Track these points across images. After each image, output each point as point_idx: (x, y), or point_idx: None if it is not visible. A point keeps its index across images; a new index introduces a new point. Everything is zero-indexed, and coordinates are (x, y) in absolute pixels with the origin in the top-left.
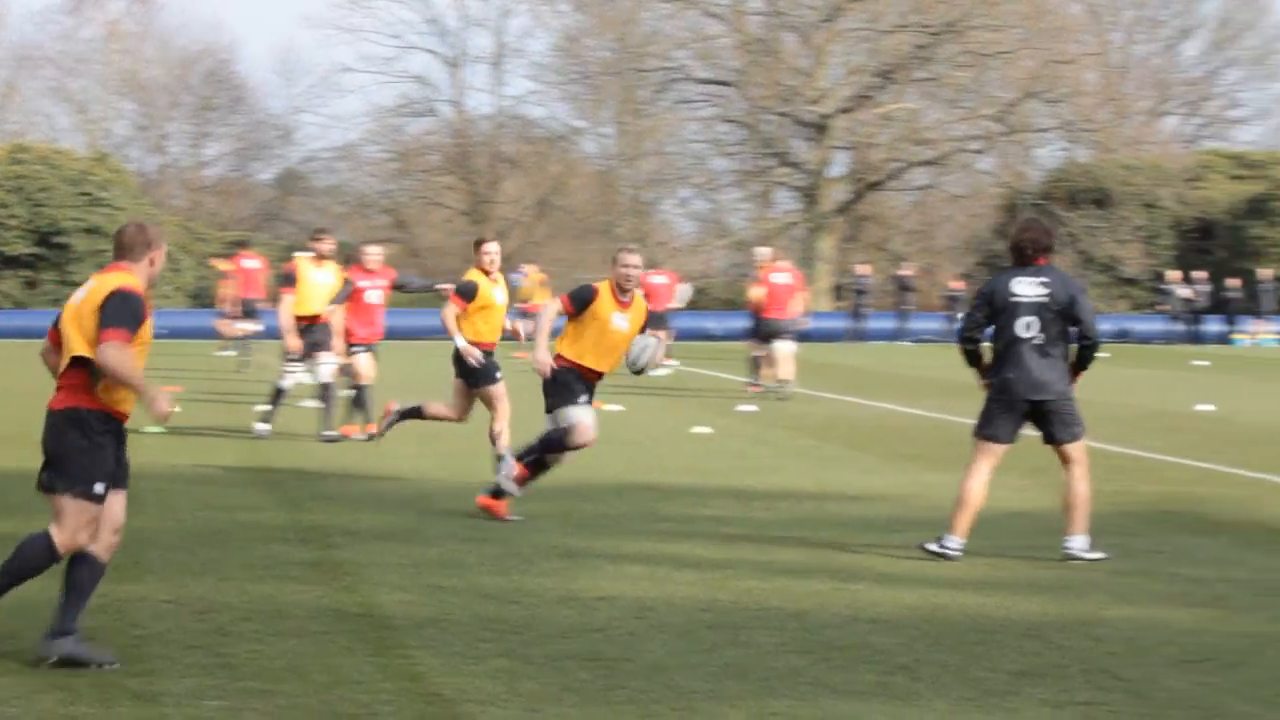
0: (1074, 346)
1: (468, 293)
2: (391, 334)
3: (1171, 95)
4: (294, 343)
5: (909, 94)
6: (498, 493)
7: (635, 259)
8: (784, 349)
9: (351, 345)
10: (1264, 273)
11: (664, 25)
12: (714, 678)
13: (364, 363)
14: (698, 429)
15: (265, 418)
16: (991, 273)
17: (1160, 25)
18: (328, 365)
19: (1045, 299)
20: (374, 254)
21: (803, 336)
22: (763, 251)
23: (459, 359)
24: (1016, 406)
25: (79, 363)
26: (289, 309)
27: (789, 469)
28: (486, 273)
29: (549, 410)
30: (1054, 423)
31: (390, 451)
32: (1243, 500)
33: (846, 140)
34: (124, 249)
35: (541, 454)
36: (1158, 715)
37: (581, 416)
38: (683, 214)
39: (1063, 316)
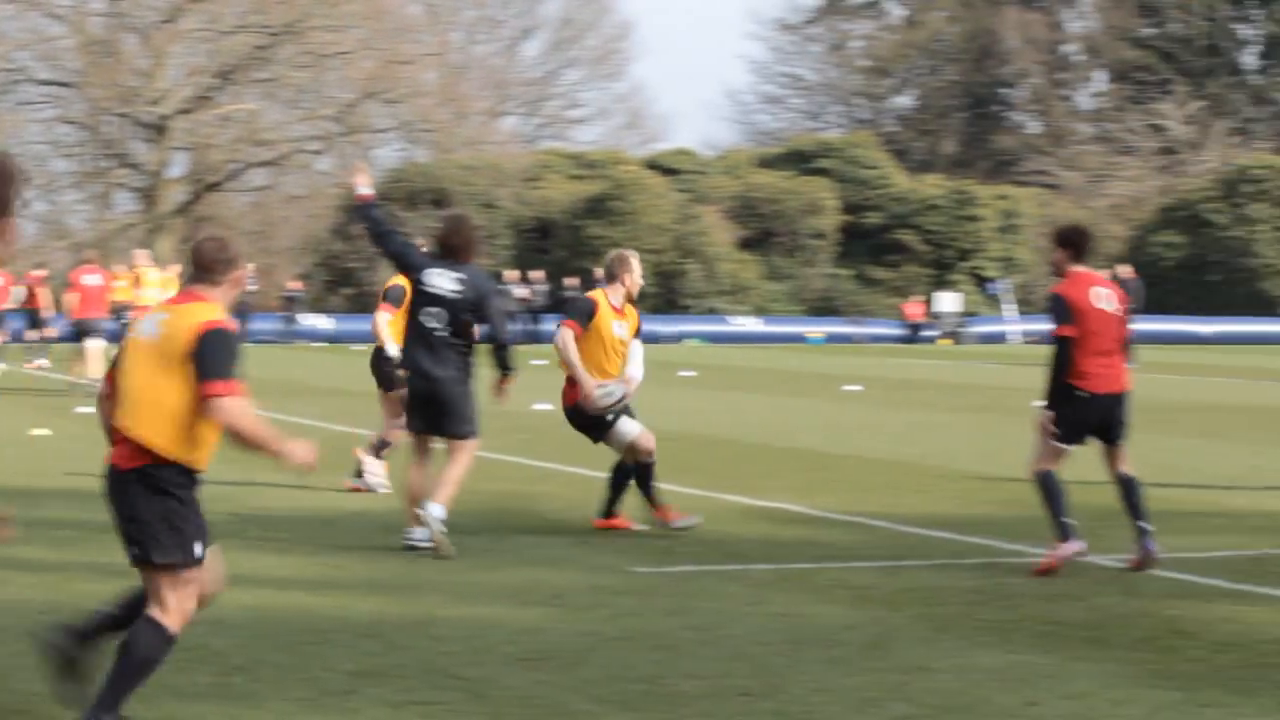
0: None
1: (397, 299)
2: None
3: (511, 95)
4: None
5: (249, 95)
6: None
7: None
8: (95, 347)
9: None
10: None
11: (5, 26)
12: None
13: None
14: (36, 431)
15: None
16: (331, 273)
17: (501, 25)
18: None
19: (458, 295)
20: None
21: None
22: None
23: (377, 365)
24: (415, 395)
25: None
26: None
27: None
28: None
29: (598, 440)
30: (445, 416)
31: None
32: (580, 499)
33: (186, 141)
34: (204, 270)
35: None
36: (497, 714)
37: (634, 427)
38: (23, 215)
39: (472, 315)
